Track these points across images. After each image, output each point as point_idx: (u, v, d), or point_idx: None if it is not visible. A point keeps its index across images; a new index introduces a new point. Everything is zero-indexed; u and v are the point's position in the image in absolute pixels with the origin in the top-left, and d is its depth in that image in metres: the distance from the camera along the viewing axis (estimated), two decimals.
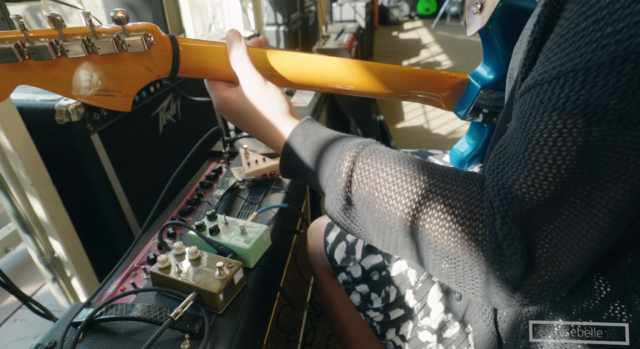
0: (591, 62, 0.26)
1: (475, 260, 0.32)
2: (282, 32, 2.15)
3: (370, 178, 0.37)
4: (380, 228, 0.37)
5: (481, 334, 0.45)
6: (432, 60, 4.40)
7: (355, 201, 0.38)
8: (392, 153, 0.38)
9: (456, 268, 0.33)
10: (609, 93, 0.25)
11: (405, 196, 0.35)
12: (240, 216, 0.71)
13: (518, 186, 0.29)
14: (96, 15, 0.40)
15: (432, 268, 0.36)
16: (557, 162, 0.28)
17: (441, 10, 6.53)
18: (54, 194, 0.83)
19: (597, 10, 0.26)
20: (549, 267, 0.29)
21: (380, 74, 0.49)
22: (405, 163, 0.37)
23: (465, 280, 0.34)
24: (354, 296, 0.65)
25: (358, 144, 0.39)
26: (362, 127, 1.81)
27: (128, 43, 0.39)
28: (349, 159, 0.38)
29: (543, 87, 0.29)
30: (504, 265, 0.30)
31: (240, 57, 0.44)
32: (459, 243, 0.32)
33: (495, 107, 0.50)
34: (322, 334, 1.15)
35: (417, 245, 0.35)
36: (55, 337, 0.47)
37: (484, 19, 0.42)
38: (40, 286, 1.33)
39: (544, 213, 0.29)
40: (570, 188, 0.28)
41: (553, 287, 0.30)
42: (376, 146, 0.39)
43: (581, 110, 0.26)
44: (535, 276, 0.30)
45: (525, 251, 0.29)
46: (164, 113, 1.04)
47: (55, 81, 0.39)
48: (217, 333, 0.47)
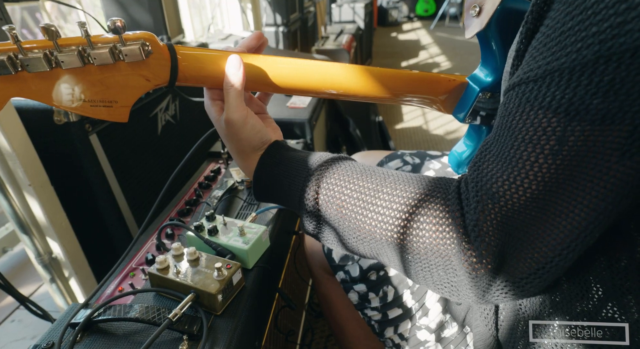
0: (576, 61, 0.26)
1: (447, 264, 0.33)
2: (281, 33, 2.15)
3: (336, 196, 0.39)
4: (354, 242, 0.39)
5: (482, 338, 0.45)
6: (430, 61, 4.41)
7: (326, 221, 0.40)
8: (355, 168, 0.40)
9: (431, 272, 0.35)
10: (592, 92, 0.25)
11: (370, 210, 0.37)
12: (239, 217, 0.71)
13: (500, 184, 0.30)
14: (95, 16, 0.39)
15: (408, 274, 0.37)
16: (539, 160, 0.28)
17: (440, 11, 6.54)
18: (52, 194, 0.83)
19: (582, 10, 0.26)
20: (522, 267, 0.30)
21: (377, 79, 0.48)
22: (368, 177, 0.39)
23: (442, 281, 0.35)
24: (352, 295, 0.65)
25: (321, 164, 0.41)
26: (361, 128, 1.81)
27: (125, 52, 0.38)
28: (314, 183, 0.40)
29: (529, 85, 0.29)
30: (475, 264, 0.31)
31: (228, 87, 0.43)
32: (428, 247, 0.34)
33: (493, 109, 0.50)
34: (321, 335, 1.15)
35: (392, 253, 0.37)
36: (53, 338, 0.47)
37: (482, 21, 0.42)
38: (38, 286, 1.33)
39: (526, 214, 0.29)
40: (553, 188, 0.28)
41: (536, 283, 0.31)
42: (339, 163, 0.41)
43: (565, 108, 0.27)
44: (506, 276, 0.30)
45: (499, 248, 0.30)
46: (163, 113, 1.04)
47: (50, 93, 0.38)
48: (215, 334, 0.47)
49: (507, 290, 0.32)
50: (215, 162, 0.96)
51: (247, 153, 0.46)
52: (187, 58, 0.43)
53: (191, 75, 0.44)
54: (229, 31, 2.02)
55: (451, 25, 6.46)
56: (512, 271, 0.31)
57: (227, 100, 0.43)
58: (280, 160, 0.44)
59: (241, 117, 0.43)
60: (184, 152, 0.68)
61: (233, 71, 0.43)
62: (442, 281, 0.35)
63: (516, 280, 0.31)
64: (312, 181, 0.40)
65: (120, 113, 0.42)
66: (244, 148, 0.45)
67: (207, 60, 0.44)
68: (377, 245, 0.37)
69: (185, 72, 0.43)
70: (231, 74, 0.43)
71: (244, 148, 0.45)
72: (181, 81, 0.44)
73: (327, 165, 0.41)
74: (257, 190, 0.46)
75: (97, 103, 0.40)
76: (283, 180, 0.43)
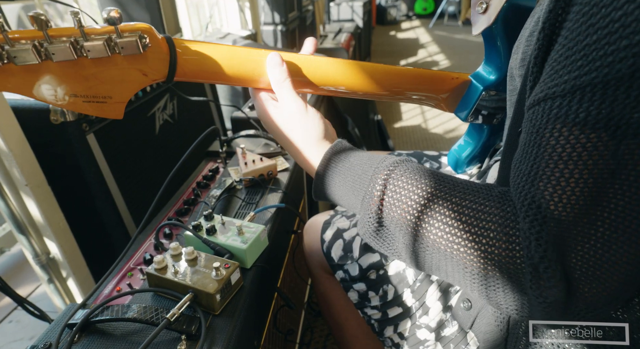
0: (609, 75, 0.26)
1: (515, 283, 0.31)
2: (280, 32, 2.15)
3: (402, 201, 0.36)
4: (414, 251, 0.37)
5: (491, 337, 0.45)
6: (429, 59, 4.40)
7: (387, 224, 0.38)
8: (425, 172, 0.38)
9: (496, 290, 0.33)
10: (631, 106, 0.25)
11: (437, 219, 0.34)
12: (238, 217, 0.71)
13: (547, 205, 0.29)
14: (91, 14, 0.38)
15: (471, 290, 0.35)
16: (583, 176, 0.27)
17: (439, 9, 6.53)
18: (49, 194, 0.83)
19: (608, 23, 0.25)
20: (590, 289, 0.28)
21: (381, 76, 0.48)
22: (437, 183, 0.36)
23: (508, 301, 0.33)
24: (352, 294, 0.65)
25: (389, 165, 0.39)
26: (359, 126, 1.81)
27: (121, 45, 0.36)
28: (380, 182, 0.38)
29: (556, 101, 0.29)
30: (543, 290, 0.29)
31: (281, 81, 0.45)
32: (497, 266, 0.31)
33: (496, 108, 0.50)
34: (320, 334, 1.15)
35: (452, 268, 0.35)
36: (51, 338, 0.47)
37: (490, 18, 0.42)
38: (35, 287, 1.32)
39: (577, 232, 0.28)
40: (602, 204, 0.27)
41: (600, 307, 0.29)
42: (408, 165, 0.39)
43: (604, 124, 0.26)
44: (578, 299, 0.29)
45: (563, 274, 0.29)
46: (161, 112, 1.03)
47: (39, 87, 0.35)
48: (214, 334, 0.47)
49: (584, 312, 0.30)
50: (214, 161, 0.95)
51: (312, 143, 0.46)
52: (187, 52, 0.40)
53: (191, 69, 0.41)
54: (226, 30, 2.01)
55: (450, 23, 6.46)
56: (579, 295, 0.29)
57: (283, 95, 0.45)
58: (346, 157, 0.43)
59: (301, 104, 0.45)
60: (182, 152, 0.68)
61: (278, 68, 0.44)
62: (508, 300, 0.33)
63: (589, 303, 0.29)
64: (378, 183, 0.38)
65: (115, 110, 0.39)
66: (309, 138, 0.46)
67: (208, 54, 0.42)
68: (440, 257, 0.35)
69: (184, 67, 0.41)
70: (278, 71, 0.44)
71: (309, 137, 0.45)
72: (180, 76, 0.42)
73: (396, 166, 0.39)
74: (316, 189, 0.45)
75: (90, 98, 0.38)
76: (347, 176, 0.42)
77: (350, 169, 0.42)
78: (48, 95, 0.36)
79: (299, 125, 0.46)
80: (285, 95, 0.45)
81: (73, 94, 0.37)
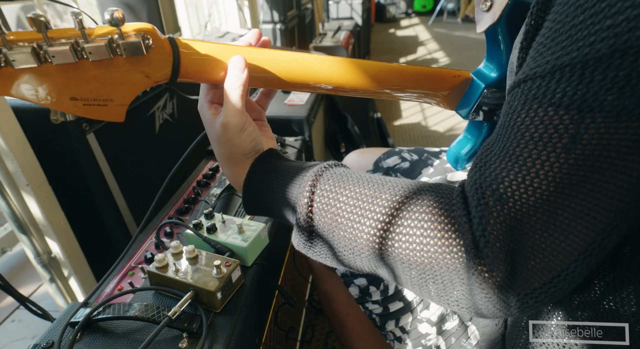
0: (589, 55, 0.25)
1: (454, 271, 0.30)
2: (279, 30, 2.14)
3: (331, 204, 0.36)
4: (350, 255, 0.36)
5: (490, 337, 0.45)
6: (429, 57, 4.40)
7: (320, 232, 0.37)
8: (352, 175, 0.37)
9: (436, 283, 0.32)
10: (607, 87, 0.24)
11: (368, 217, 0.34)
12: (238, 215, 0.71)
13: (507, 185, 0.28)
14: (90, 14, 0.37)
15: (412, 287, 0.34)
16: (550, 158, 0.27)
17: (438, 7, 6.52)
18: (50, 194, 0.83)
19: (595, 3, 0.25)
20: (544, 274, 0.28)
21: (381, 73, 0.47)
22: (365, 183, 0.36)
23: (447, 293, 0.32)
24: (353, 289, 0.65)
25: (315, 172, 0.38)
26: (359, 124, 1.81)
27: (124, 47, 0.34)
28: (307, 189, 0.37)
29: (536, 81, 0.28)
30: (485, 272, 0.28)
31: (233, 88, 0.40)
32: (433, 257, 0.31)
33: (497, 104, 0.50)
34: (321, 331, 1.15)
35: (391, 265, 0.34)
36: (53, 337, 0.47)
37: (494, 15, 0.41)
38: (37, 286, 1.33)
39: (537, 216, 0.27)
40: (565, 189, 0.27)
41: (551, 292, 0.29)
42: (335, 170, 0.38)
43: (578, 105, 0.26)
44: (528, 283, 0.28)
45: (509, 255, 0.28)
46: (160, 112, 1.03)
47: (38, 91, 0.34)
48: (215, 332, 0.47)
49: (522, 302, 0.29)
50: (214, 160, 0.95)
51: (237, 159, 0.43)
52: (189, 52, 0.40)
53: (194, 70, 0.40)
54: (225, 29, 2.01)
55: (449, 20, 6.44)
56: (524, 282, 0.28)
57: (227, 103, 0.40)
58: (273, 168, 0.41)
59: (240, 122, 0.40)
60: (182, 151, 0.68)
61: (237, 73, 0.39)
62: (447, 292, 0.32)
63: (529, 291, 0.29)
64: (305, 189, 0.37)
65: (116, 113, 0.38)
66: (234, 155, 0.42)
67: (211, 55, 0.41)
68: (376, 257, 0.34)
69: (187, 68, 0.40)
70: (234, 76, 0.39)
71: (234, 154, 0.42)
72: (183, 77, 0.41)
73: (322, 171, 0.38)
74: (247, 199, 0.43)
75: (91, 101, 0.37)
76: (275, 188, 0.40)
77: (276, 181, 0.40)
78: (48, 98, 0.35)
79: (230, 141, 0.41)
80: (229, 104, 0.40)
81: (73, 97, 0.36)
